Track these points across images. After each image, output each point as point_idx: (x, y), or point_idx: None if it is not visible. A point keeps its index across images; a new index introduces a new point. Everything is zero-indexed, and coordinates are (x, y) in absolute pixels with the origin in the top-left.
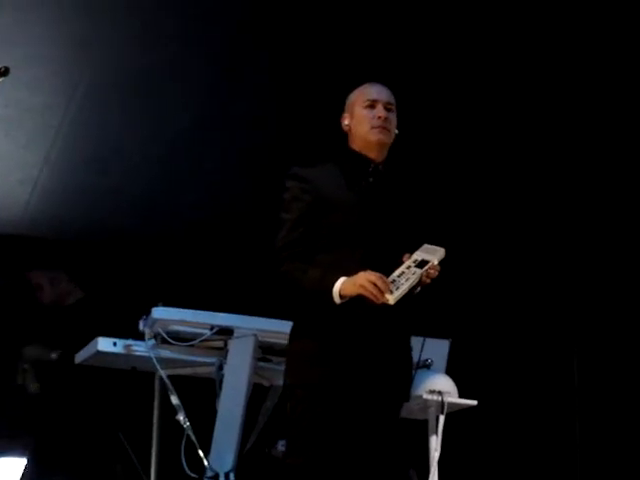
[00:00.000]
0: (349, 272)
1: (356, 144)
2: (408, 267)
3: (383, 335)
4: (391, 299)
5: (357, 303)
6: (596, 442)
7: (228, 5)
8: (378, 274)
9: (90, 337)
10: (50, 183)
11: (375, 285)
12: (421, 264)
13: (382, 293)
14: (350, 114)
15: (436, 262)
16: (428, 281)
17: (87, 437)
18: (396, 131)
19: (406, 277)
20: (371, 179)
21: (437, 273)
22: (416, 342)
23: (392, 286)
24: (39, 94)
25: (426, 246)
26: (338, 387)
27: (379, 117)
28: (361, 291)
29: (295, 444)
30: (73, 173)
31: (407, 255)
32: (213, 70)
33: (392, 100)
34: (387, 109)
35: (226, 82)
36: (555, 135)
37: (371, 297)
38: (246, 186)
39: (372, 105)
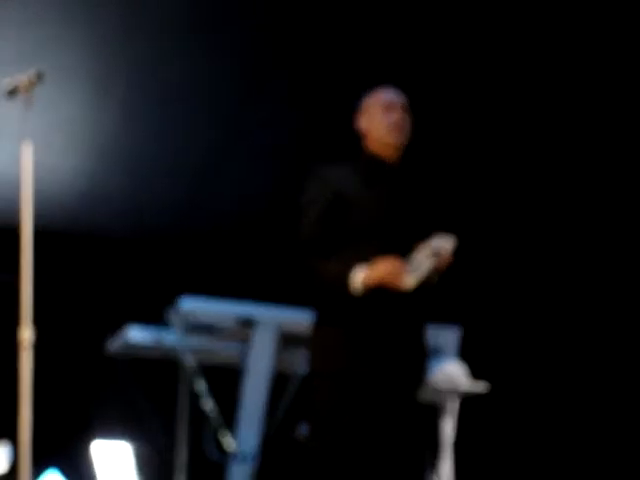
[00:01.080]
0: None
1: (373, 145)
2: (421, 254)
3: (402, 323)
4: (410, 282)
5: (376, 291)
6: (608, 428)
7: (248, 11)
8: (394, 260)
9: None
10: (91, 190)
11: (393, 272)
12: (435, 253)
13: (400, 279)
14: (367, 117)
15: (449, 248)
16: (443, 267)
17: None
18: (410, 133)
19: (421, 262)
20: (388, 178)
21: (451, 259)
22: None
23: (409, 269)
24: (72, 105)
25: (437, 235)
26: (359, 374)
27: (396, 119)
28: (380, 281)
29: (317, 429)
30: (111, 179)
31: (420, 243)
32: (237, 83)
33: (407, 103)
34: (403, 111)
35: (250, 91)
36: (557, 129)
37: (390, 285)
38: (270, 184)
39: (389, 108)
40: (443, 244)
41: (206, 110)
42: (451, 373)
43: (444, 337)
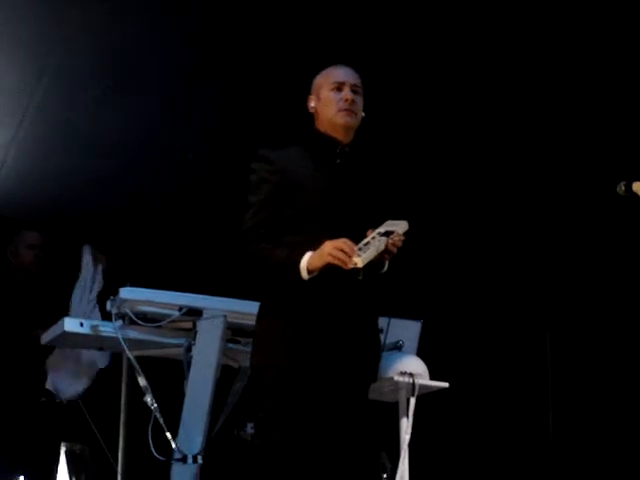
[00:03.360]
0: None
1: (323, 126)
2: (373, 237)
3: (351, 315)
4: (359, 261)
5: (325, 281)
6: (568, 424)
7: None
8: (343, 239)
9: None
10: (17, 164)
11: (342, 250)
12: (386, 234)
13: (349, 257)
14: (317, 96)
15: (400, 232)
16: (394, 250)
17: (55, 419)
18: (362, 114)
19: (372, 244)
20: (338, 161)
21: (401, 242)
22: (383, 323)
23: (359, 252)
24: (6, 75)
25: (389, 221)
26: (306, 368)
27: (346, 100)
28: (329, 259)
29: (263, 425)
30: (41, 154)
31: (371, 230)
32: (183, 51)
33: (359, 82)
34: (354, 91)
35: (196, 63)
36: (523, 109)
37: (339, 263)
38: (214, 168)
39: (339, 87)
40: (394, 229)
41: (150, 89)
42: (410, 369)
43: (403, 332)
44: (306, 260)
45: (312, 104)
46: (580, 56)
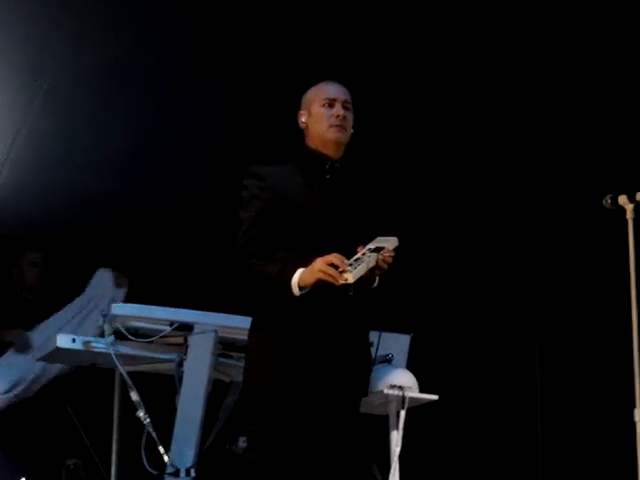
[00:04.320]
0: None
1: (313, 142)
2: (363, 254)
3: (342, 330)
4: (350, 277)
5: (316, 296)
6: (557, 436)
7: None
8: (334, 254)
9: None
10: (11, 180)
11: (333, 266)
12: (376, 250)
13: (340, 273)
14: (307, 112)
15: (391, 248)
16: (385, 266)
17: (47, 433)
18: (352, 130)
19: (363, 260)
20: (328, 176)
21: (391, 259)
22: (373, 337)
23: (350, 267)
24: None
25: (379, 238)
26: (298, 382)
27: (337, 116)
28: (320, 276)
29: (256, 439)
30: (35, 171)
31: (361, 246)
32: (177, 66)
33: (349, 99)
34: (345, 108)
35: (191, 78)
36: (510, 123)
37: (330, 279)
38: (207, 184)
39: (330, 104)
40: (385, 243)
41: (139, 100)
42: (399, 382)
43: (393, 346)
44: (297, 276)
45: (303, 119)
46: (562, 69)
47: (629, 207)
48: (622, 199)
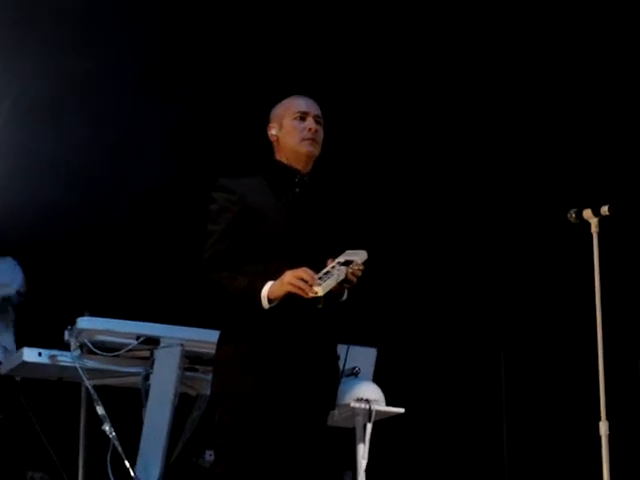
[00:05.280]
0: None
1: (284, 155)
2: (333, 267)
3: (311, 343)
4: (319, 290)
5: (285, 309)
6: (523, 447)
7: (153, 7)
8: (304, 268)
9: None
10: None
11: (302, 279)
12: (346, 264)
13: (310, 286)
14: (279, 125)
15: (360, 261)
16: (354, 279)
17: (12, 448)
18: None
19: (332, 274)
20: (297, 190)
21: (361, 272)
22: (341, 350)
23: (319, 280)
24: None
25: (349, 251)
26: (265, 395)
27: (310, 129)
28: (289, 288)
29: (223, 453)
30: None
31: (331, 259)
32: (143, 78)
33: (320, 114)
34: (316, 122)
35: (153, 95)
36: (475, 139)
37: (299, 292)
38: (171, 198)
39: (302, 117)
40: (354, 258)
41: (106, 110)
42: (366, 395)
43: (359, 359)
44: (267, 289)
45: (273, 132)
46: (528, 83)
47: (593, 221)
48: (587, 213)
